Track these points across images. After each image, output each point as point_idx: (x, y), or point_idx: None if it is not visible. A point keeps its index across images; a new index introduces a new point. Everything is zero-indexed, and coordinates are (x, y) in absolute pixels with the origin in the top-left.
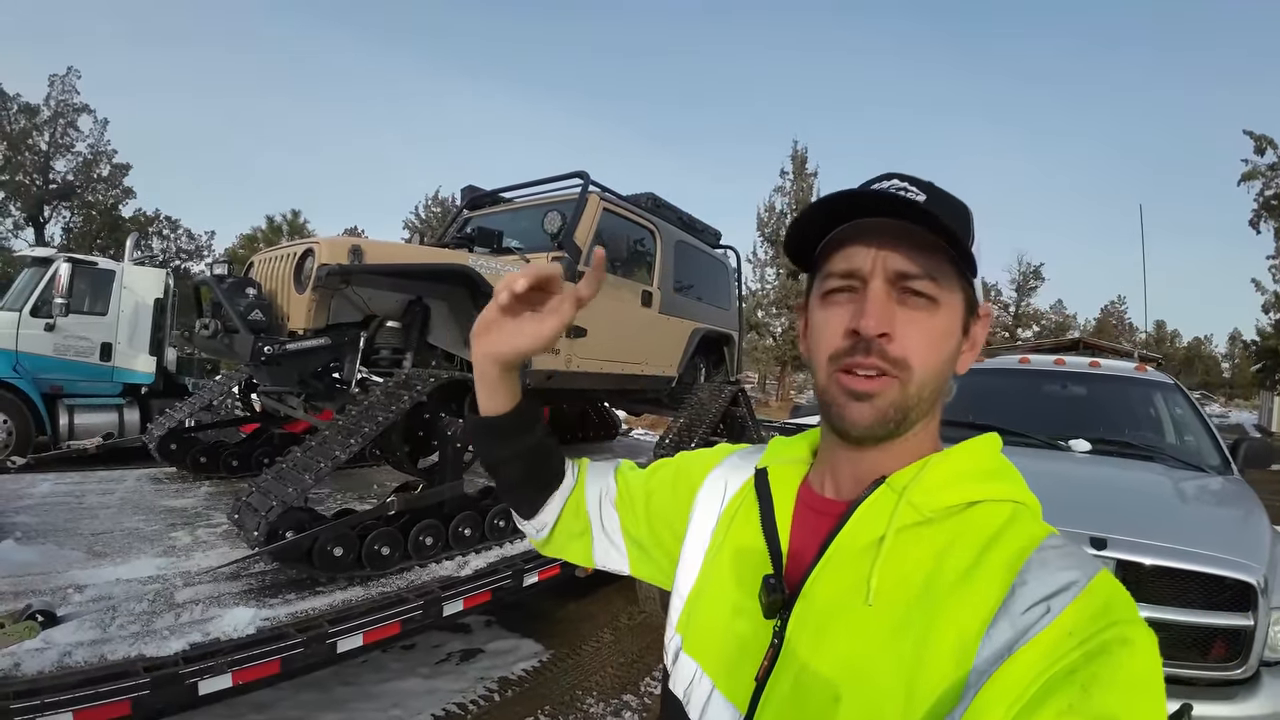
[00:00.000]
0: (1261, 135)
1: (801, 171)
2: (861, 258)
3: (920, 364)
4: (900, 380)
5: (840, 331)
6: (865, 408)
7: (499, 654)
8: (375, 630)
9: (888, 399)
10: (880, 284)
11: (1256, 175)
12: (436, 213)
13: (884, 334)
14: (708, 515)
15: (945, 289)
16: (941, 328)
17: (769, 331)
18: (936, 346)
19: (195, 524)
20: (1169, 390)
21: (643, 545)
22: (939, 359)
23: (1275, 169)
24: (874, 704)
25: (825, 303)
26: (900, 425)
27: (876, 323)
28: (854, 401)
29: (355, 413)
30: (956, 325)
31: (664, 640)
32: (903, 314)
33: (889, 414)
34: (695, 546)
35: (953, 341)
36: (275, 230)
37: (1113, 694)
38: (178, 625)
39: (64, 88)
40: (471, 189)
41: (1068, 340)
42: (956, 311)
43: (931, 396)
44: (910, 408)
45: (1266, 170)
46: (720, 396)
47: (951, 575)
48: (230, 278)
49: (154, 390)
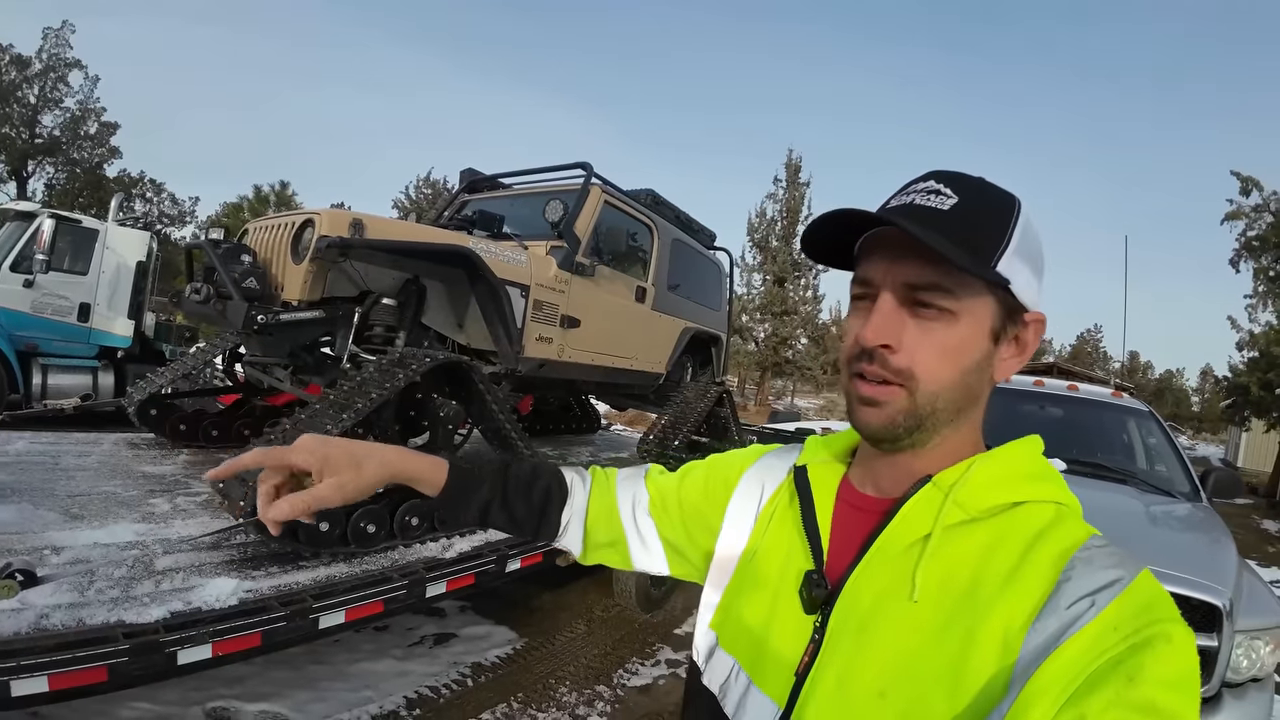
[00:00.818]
0: (1248, 176)
1: (795, 179)
2: (875, 267)
3: (926, 375)
4: (906, 390)
5: (854, 338)
6: (873, 412)
7: (473, 639)
8: (358, 608)
9: (895, 407)
10: (888, 295)
11: (1240, 215)
12: (428, 194)
13: (886, 345)
14: (744, 514)
15: (964, 298)
16: (958, 339)
17: (752, 336)
18: (949, 358)
19: (174, 492)
20: (1143, 417)
21: (678, 548)
22: (953, 370)
23: (1259, 210)
24: (920, 699)
25: (852, 307)
26: (917, 431)
27: (875, 334)
28: (863, 406)
29: (348, 388)
30: (979, 334)
31: (694, 637)
32: (915, 325)
33: (897, 420)
34: (731, 545)
35: (974, 352)
36: (262, 201)
37: (1156, 686)
38: (158, 593)
39: (57, 41)
40: (471, 172)
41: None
42: (981, 320)
43: (951, 405)
44: (923, 416)
45: (1251, 211)
46: (706, 396)
47: (998, 573)
48: (225, 243)
49: (130, 354)
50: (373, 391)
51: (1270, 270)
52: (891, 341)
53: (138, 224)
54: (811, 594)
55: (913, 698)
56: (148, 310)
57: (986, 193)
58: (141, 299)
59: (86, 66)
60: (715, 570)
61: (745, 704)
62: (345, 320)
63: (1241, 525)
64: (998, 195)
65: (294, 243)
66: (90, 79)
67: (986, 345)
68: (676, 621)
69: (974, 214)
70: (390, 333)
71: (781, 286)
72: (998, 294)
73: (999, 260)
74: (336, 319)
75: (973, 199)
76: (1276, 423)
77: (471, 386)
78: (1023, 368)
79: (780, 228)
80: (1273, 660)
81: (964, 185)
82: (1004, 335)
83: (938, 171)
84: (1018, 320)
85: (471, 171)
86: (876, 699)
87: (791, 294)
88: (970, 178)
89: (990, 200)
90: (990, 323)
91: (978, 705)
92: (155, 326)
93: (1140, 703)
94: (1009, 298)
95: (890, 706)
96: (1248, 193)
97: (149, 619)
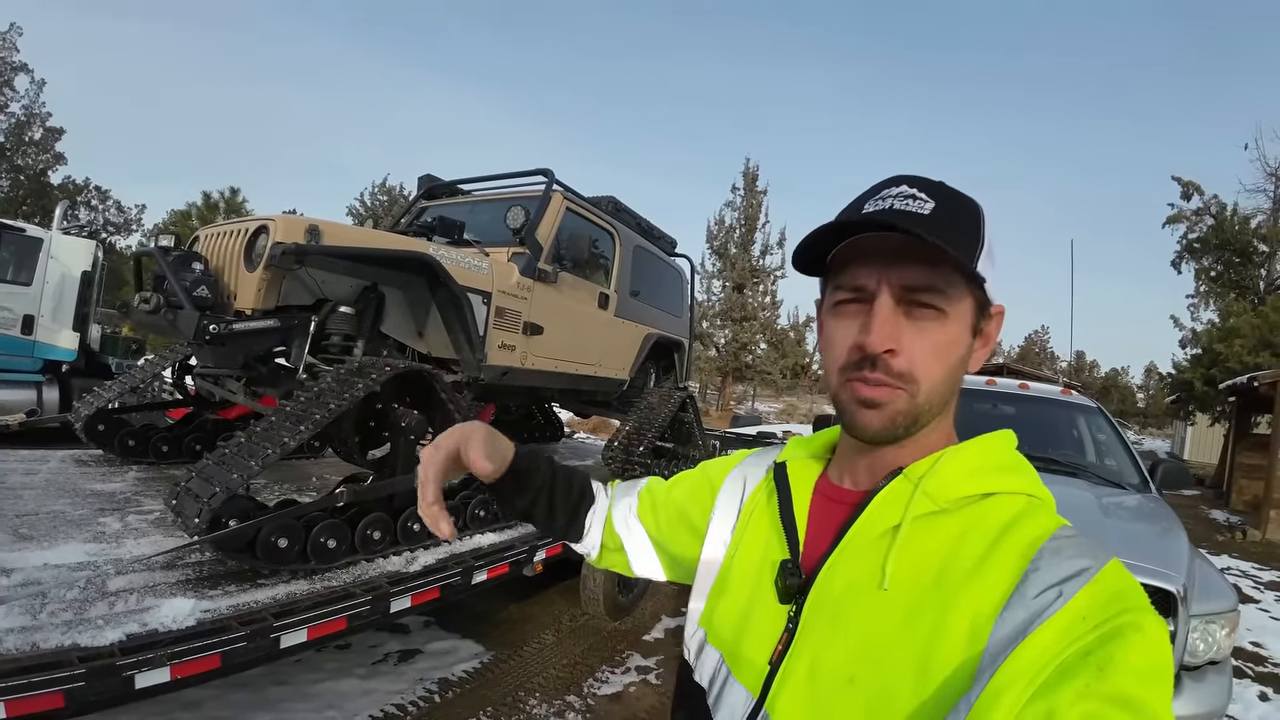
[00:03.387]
0: (1189, 181)
1: (752, 188)
2: (868, 272)
3: (925, 375)
4: (907, 392)
5: (849, 345)
6: (875, 414)
7: (438, 655)
8: (321, 625)
9: (896, 407)
10: (887, 299)
11: (1182, 219)
12: (383, 201)
13: (889, 350)
14: (728, 513)
15: (953, 298)
16: (949, 337)
17: (713, 342)
18: (943, 357)
19: (125, 510)
20: (1092, 413)
21: (668, 551)
22: (945, 368)
23: (1200, 213)
24: (887, 686)
25: (836, 314)
26: (913, 426)
27: (881, 339)
28: (864, 409)
29: (305, 399)
30: (965, 331)
31: (685, 635)
32: (911, 327)
33: (898, 420)
34: (716, 543)
35: (960, 348)
36: (212, 208)
37: (1127, 676)
38: (112, 614)
39: (3, 44)
40: (430, 178)
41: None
42: (965, 318)
43: (942, 400)
44: (920, 414)
45: (1191, 215)
46: (670, 402)
47: (966, 562)
48: (176, 250)
49: (75, 369)
50: (331, 402)
51: (1211, 271)
52: (895, 345)
53: (83, 232)
54: (786, 583)
55: (880, 685)
56: (93, 322)
57: (956, 196)
58: (87, 310)
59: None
60: (703, 569)
61: (723, 695)
62: (301, 329)
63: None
64: (965, 199)
65: (248, 250)
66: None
67: (969, 341)
68: (645, 628)
69: (953, 217)
70: (348, 342)
71: (740, 293)
72: (975, 292)
73: (977, 260)
74: (292, 328)
75: (947, 203)
76: (1220, 416)
77: (434, 396)
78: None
79: (739, 235)
80: (1229, 643)
81: (934, 189)
82: (977, 330)
83: (906, 176)
84: (986, 314)
85: (430, 177)
86: (845, 685)
87: (750, 300)
88: (935, 181)
89: (961, 204)
90: (971, 319)
91: (944, 693)
92: (101, 339)
93: (1111, 694)
94: (982, 294)
95: (859, 693)
96: (1188, 197)
97: (104, 642)
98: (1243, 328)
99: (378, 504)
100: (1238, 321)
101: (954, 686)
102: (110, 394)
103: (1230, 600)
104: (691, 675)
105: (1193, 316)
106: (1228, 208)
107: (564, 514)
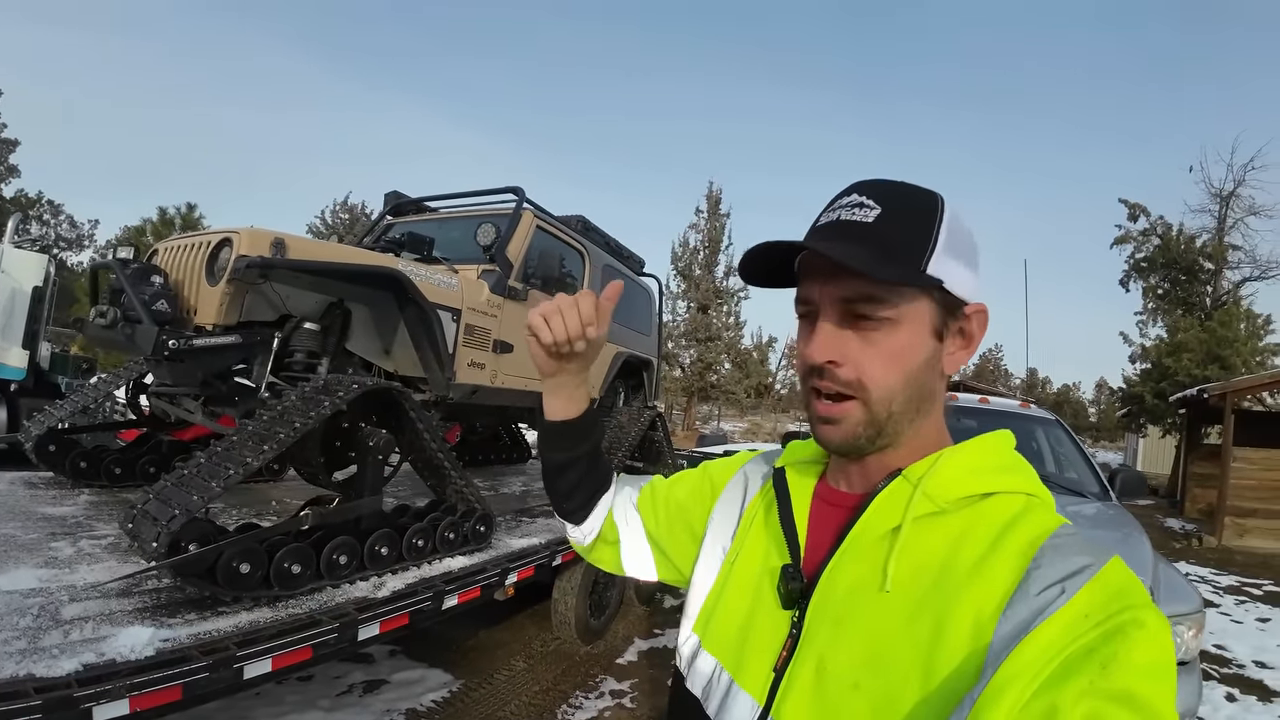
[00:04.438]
0: (1135, 203)
1: (715, 210)
2: (811, 287)
3: (875, 383)
4: (860, 400)
5: (802, 357)
6: (832, 430)
7: (405, 685)
8: (285, 655)
9: (853, 419)
10: (828, 313)
11: (1129, 239)
12: (344, 219)
13: (831, 361)
14: (728, 517)
15: (900, 305)
16: (900, 345)
17: (678, 362)
18: (895, 363)
19: (77, 534)
20: (1051, 425)
21: (663, 548)
22: (899, 375)
23: (1146, 234)
24: (891, 688)
25: (800, 326)
26: (879, 437)
27: (819, 352)
28: (823, 425)
29: (269, 417)
30: (921, 335)
31: (677, 642)
32: (857, 338)
33: (858, 432)
34: (714, 547)
35: (917, 353)
36: (167, 223)
37: (1131, 674)
38: (67, 643)
39: None
40: (396, 195)
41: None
42: (920, 321)
43: (906, 405)
44: (881, 422)
45: (1139, 235)
46: (639, 421)
47: (967, 562)
48: (135, 263)
49: (24, 388)
50: (296, 420)
51: (1158, 288)
52: (835, 357)
53: (35, 246)
54: (788, 588)
55: (885, 688)
56: (43, 340)
57: (909, 197)
58: (37, 327)
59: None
60: (699, 574)
61: (727, 704)
62: (264, 346)
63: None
64: (920, 197)
65: (209, 263)
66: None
67: (930, 344)
68: (618, 651)
69: (897, 221)
70: (312, 359)
71: (705, 313)
72: (933, 295)
73: (928, 262)
74: (254, 344)
75: (895, 206)
76: (1171, 428)
77: (403, 415)
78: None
79: (703, 257)
80: (1196, 644)
81: (886, 193)
82: (947, 330)
83: (861, 183)
84: (959, 314)
85: (396, 194)
86: (851, 690)
87: (715, 320)
88: (891, 184)
89: (912, 204)
90: (930, 322)
91: (949, 693)
92: (51, 357)
93: (1114, 691)
94: (946, 295)
95: (864, 697)
96: (1135, 218)
97: (60, 672)
98: (1190, 342)
99: (344, 527)
100: (1185, 337)
101: (959, 685)
102: (61, 413)
103: (1195, 602)
104: (684, 683)
105: (1141, 333)
106: (1173, 228)
107: (587, 488)
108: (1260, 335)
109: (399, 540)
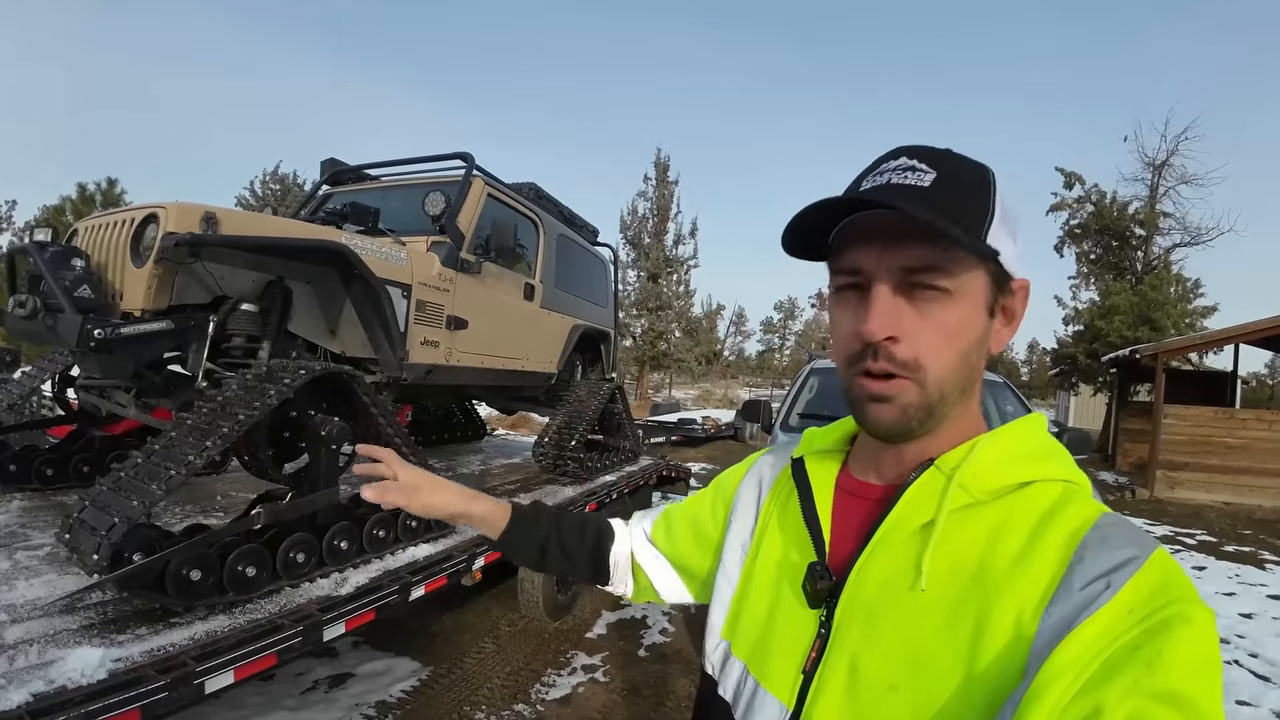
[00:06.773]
0: (1071, 171)
1: (664, 178)
2: (865, 254)
3: (933, 362)
4: (914, 381)
5: (851, 334)
6: (886, 408)
7: (372, 676)
8: (248, 664)
9: (907, 399)
10: (885, 283)
11: (1064, 206)
12: (275, 190)
13: (890, 337)
14: (745, 520)
15: (960, 275)
16: (956, 319)
17: (629, 332)
18: (952, 340)
19: (12, 545)
20: (999, 388)
21: (688, 570)
22: (955, 353)
23: (1081, 201)
24: (932, 690)
25: (838, 300)
26: (928, 420)
27: (881, 326)
28: (874, 404)
29: (209, 410)
30: (977, 310)
31: (705, 649)
32: (913, 310)
33: (910, 413)
34: (734, 551)
35: (973, 330)
36: (88, 201)
37: (1176, 672)
38: (14, 671)
39: None
40: (334, 163)
41: None
42: (976, 296)
43: (957, 387)
44: (934, 404)
45: (1074, 202)
46: (599, 394)
47: (1007, 556)
48: (53, 245)
49: None
50: (240, 412)
51: (1091, 254)
52: (896, 332)
53: None
54: (816, 586)
55: (925, 689)
56: None
57: (961, 165)
58: None
59: None
60: (722, 579)
61: (754, 707)
62: (198, 331)
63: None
64: (972, 166)
65: (134, 242)
66: None
67: (983, 320)
68: (586, 625)
69: (955, 189)
70: (252, 343)
71: (655, 282)
72: (988, 267)
73: (987, 232)
74: (188, 330)
75: (951, 172)
76: (1102, 387)
77: (355, 400)
78: None
79: (652, 225)
80: None
81: (938, 158)
82: (996, 307)
83: (907, 147)
84: (1006, 290)
85: (334, 162)
86: (888, 693)
87: (665, 289)
88: (939, 150)
89: (967, 172)
90: (985, 297)
91: (991, 694)
92: None
93: (1159, 691)
94: (998, 269)
95: (902, 699)
96: (1070, 186)
97: (10, 705)
98: (1122, 305)
99: (299, 523)
100: (1117, 300)
101: (1002, 686)
102: None
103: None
104: (716, 689)
105: (1074, 296)
106: (1107, 196)
107: (583, 557)
108: (1190, 299)
109: (359, 532)
